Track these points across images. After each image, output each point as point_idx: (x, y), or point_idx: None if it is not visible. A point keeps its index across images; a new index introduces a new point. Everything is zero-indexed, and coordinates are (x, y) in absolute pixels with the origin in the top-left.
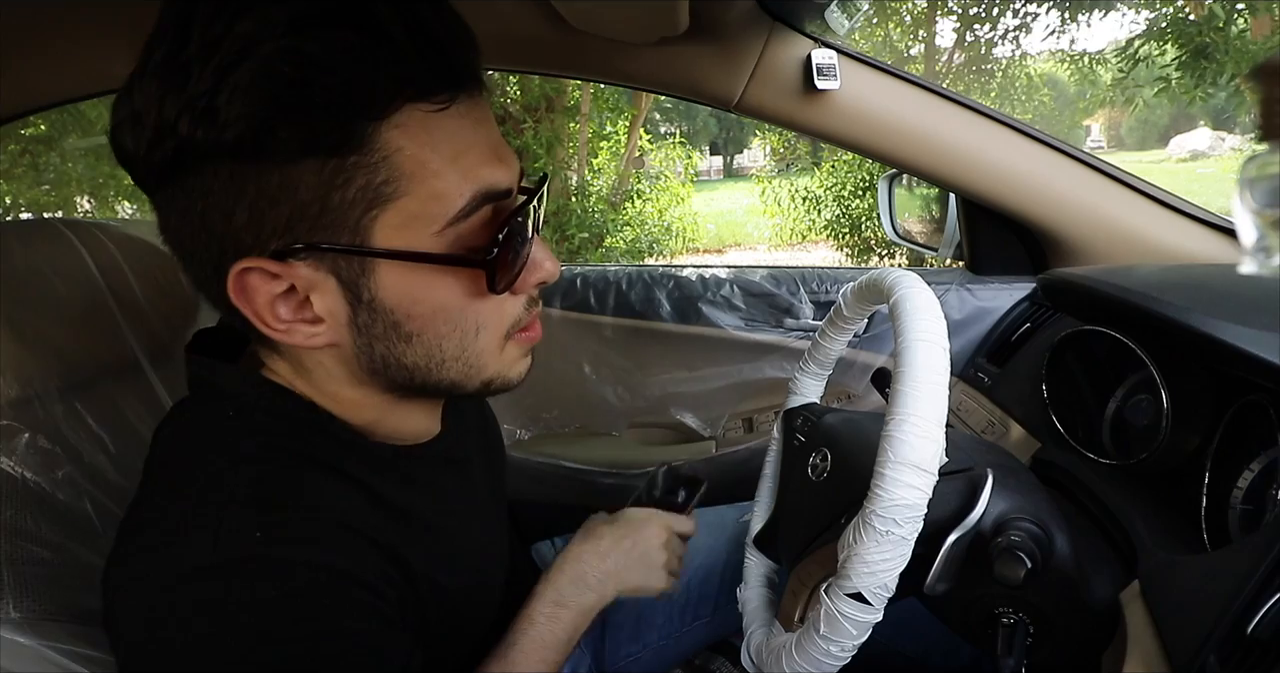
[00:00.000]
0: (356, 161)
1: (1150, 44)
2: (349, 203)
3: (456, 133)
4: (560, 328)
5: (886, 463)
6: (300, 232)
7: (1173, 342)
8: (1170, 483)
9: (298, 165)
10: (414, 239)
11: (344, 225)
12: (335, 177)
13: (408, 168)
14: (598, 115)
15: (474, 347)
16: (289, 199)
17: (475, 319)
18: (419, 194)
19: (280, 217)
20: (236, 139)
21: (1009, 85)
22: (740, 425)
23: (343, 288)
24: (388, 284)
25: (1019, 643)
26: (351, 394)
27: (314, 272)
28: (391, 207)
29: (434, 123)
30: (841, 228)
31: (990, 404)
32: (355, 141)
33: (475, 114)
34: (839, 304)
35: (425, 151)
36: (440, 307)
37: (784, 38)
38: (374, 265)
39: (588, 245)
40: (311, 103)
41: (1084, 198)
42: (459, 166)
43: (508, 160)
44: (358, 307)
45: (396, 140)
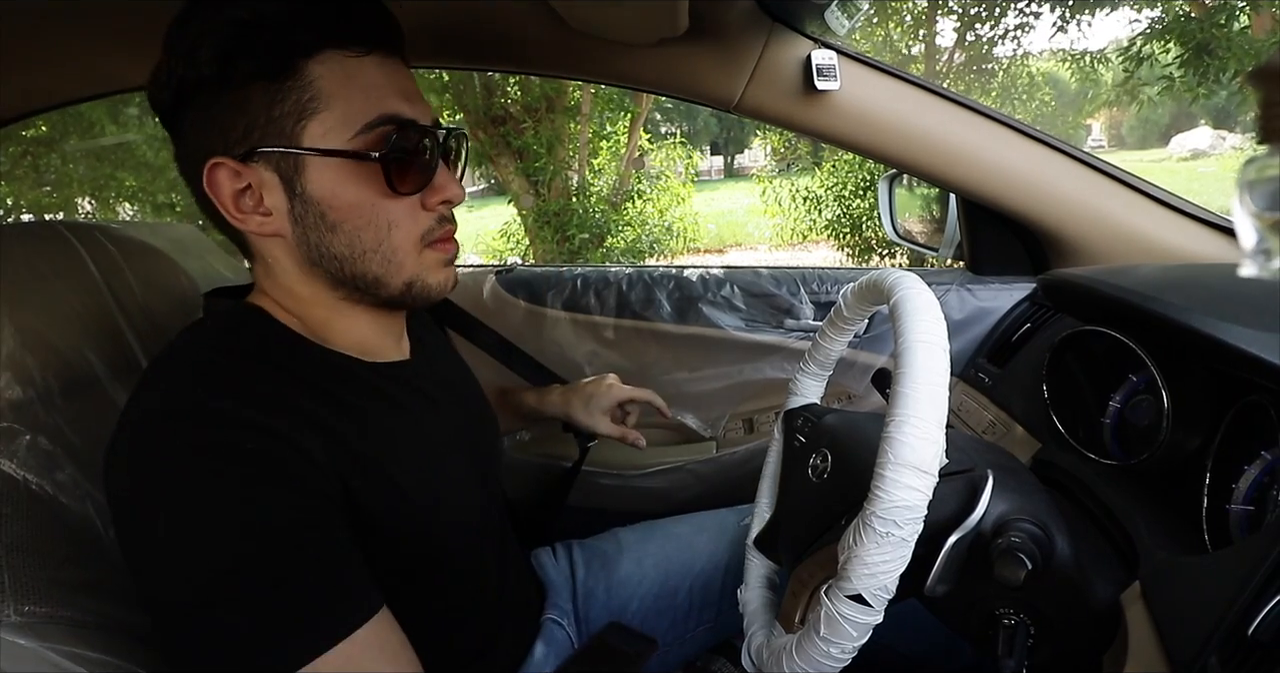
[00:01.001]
0: (290, 85)
1: (1152, 42)
2: (285, 115)
3: (370, 74)
4: (561, 328)
5: (887, 464)
6: (254, 139)
7: (1173, 342)
8: (1171, 484)
9: (250, 88)
10: (332, 143)
11: (282, 132)
12: (275, 95)
13: (328, 90)
14: (598, 115)
15: (389, 242)
16: (244, 113)
17: (386, 216)
18: (336, 110)
19: (239, 127)
20: (210, 72)
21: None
22: (741, 426)
23: (283, 184)
24: (314, 178)
25: (1020, 644)
26: (304, 289)
27: (264, 172)
28: (315, 118)
29: (351, 65)
30: (842, 228)
31: (991, 405)
32: (290, 70)
33: (389, 66)
34: (839, 305)
35: (341, 81)
36: (355, 201)
37: (784, 38)
38: (304, 163)
39: (588, 245)
40: (261, 43)
41: (1084, 198)
42: (368, 95)
43: (415, 102)
44: (294, 199)
45: (320, 71)
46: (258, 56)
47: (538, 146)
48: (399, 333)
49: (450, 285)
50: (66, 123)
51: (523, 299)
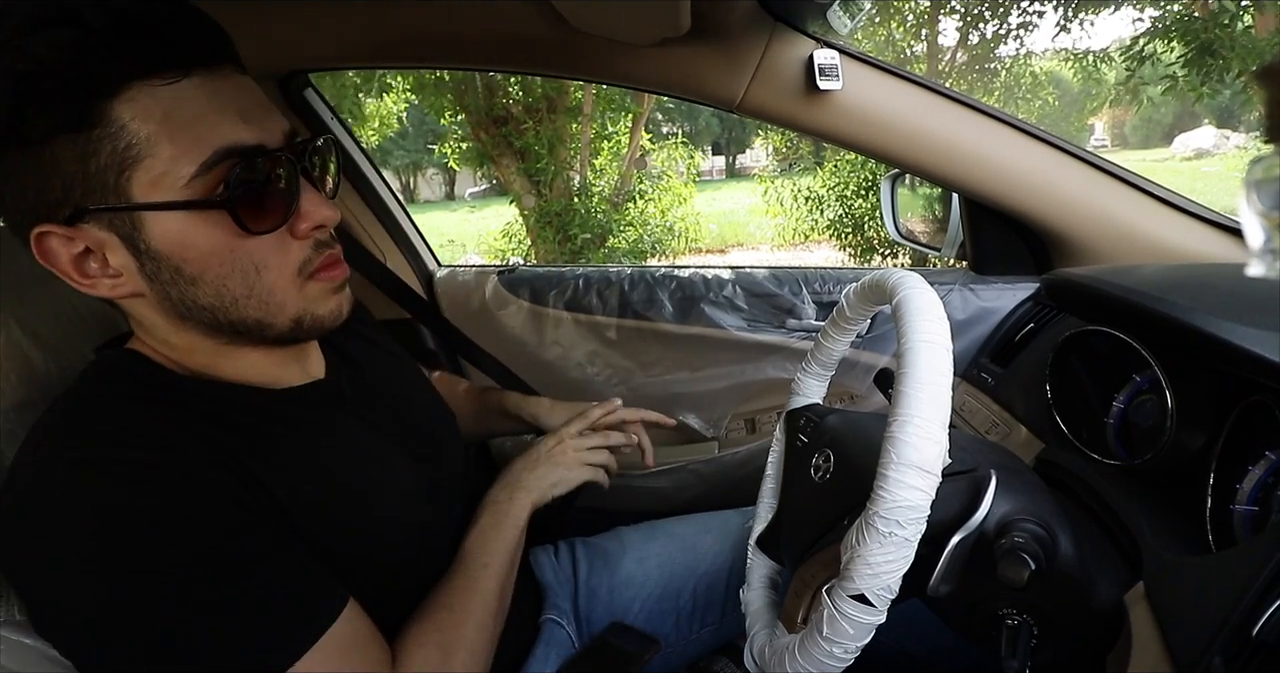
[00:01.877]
0: (100, 134)
1: (1155, 42)
2: (104, 168)
3: (191, 102)
4: (563, 328)
5: (889, 464)
6: (76, 198)
7: (1177, 342)
8: (1175, 484)
9: (55, 143)
10: (166, 192)
11: (106, 188)
12: (86, 148)
13: (145, 133)
14: (599, 116)
15: (261, 285)
16: (58, 172)
17: (249, 260)
18: (160, 154)
19: (56, 188)
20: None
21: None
22: (742, 426)
23: (124, 243)
24: (157, 234)
25: (1023, 645)
26: (179, 340)
27: (100, 232)
28: (139, 167)
29: (166, 95)
30: (844, 228)
31: (993, 405)
32: (93, 118)
33: (214, 85)
34: (841, 305)
35: (159, 119)
36: (210, 250)
37: (786, 38)
38: (140, 219)
39: (590, 246)
40: (46, 90)
41: (1088, 197)
42: (195, 130)
43: (258, 122)
44: (141, 257)
45: (129, 112)
46: (51, 107)
47: (539, 147)
48: (303, 357)
49: (345, 311)
50: None
51: (525, 299)
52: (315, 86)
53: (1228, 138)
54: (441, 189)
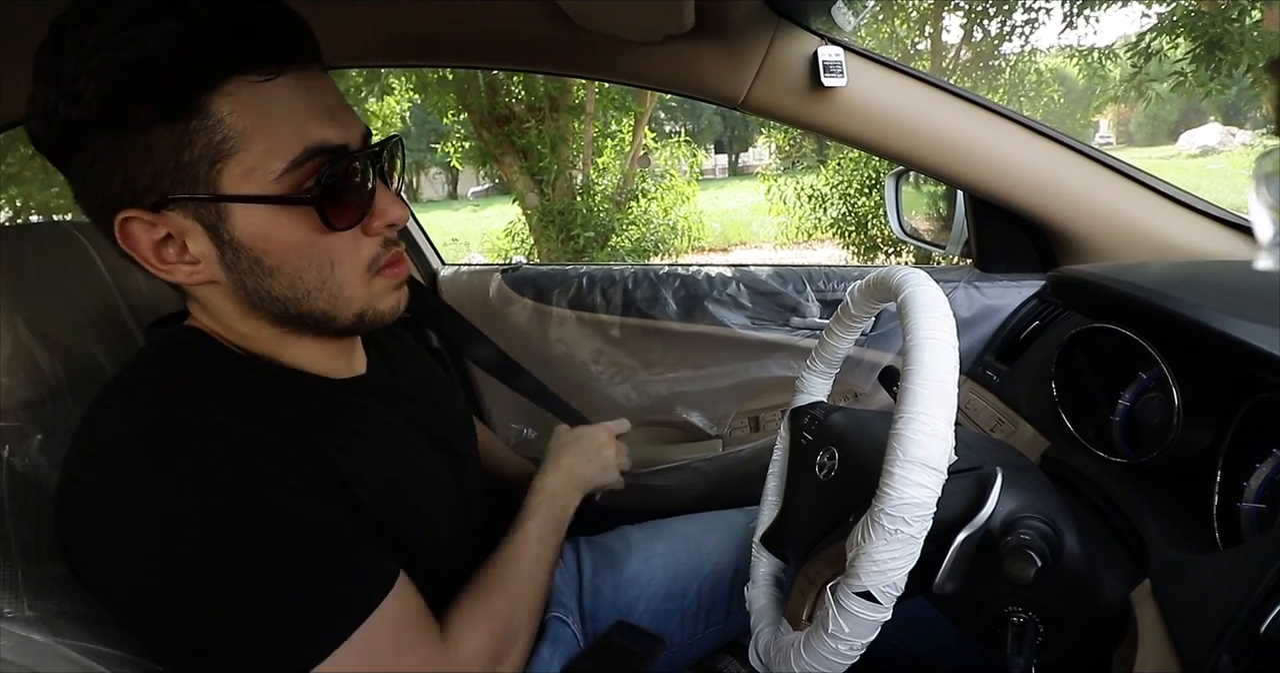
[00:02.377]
0: (197, 125)
1: (1162, 38)
2: (196, 159)
3: (285, 99)
4: (566, 327)
5: (895, 461)
6: (165, 186)
7: (1184, 339)
8: (1182, 482)
9: (151, 131)
10: (255, 186)
11: (197, 178)
12: (182, 138)
13: (240, 127)
14: (602, 114)
15: (333, 279)
16: (149, 160)
17: (327, 254)
18: (253, 149)
19: (146, 175)
20: (98, 113)
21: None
22: (746, 424)
23: (207, 232)
24: (242, 225)
25: (1028, 643)
26: (244, 328)
27: (183, 220)
28: (232, 160)
29: (262, 91)
30: (847, 226)
31: (999, 402)
32: (192, 109)
33: (306, 83)
34: (846, 302)
35: (254, 114)
36: (291, 243)
37: (790, 35)
38: (227, 210)
39: (593, 244)
40: (151, 80)
41: (1094, 194)
42: (288, 126)
43: (343, 121)
44: (223, 247)
45: (228, 106)
46: (152, 97)
47: (542, 146)
48: (351, 351)
49: (401, 307)
50: None
51: (529, 298)
52: None
53: (1234, 135)
54: (444, 188)
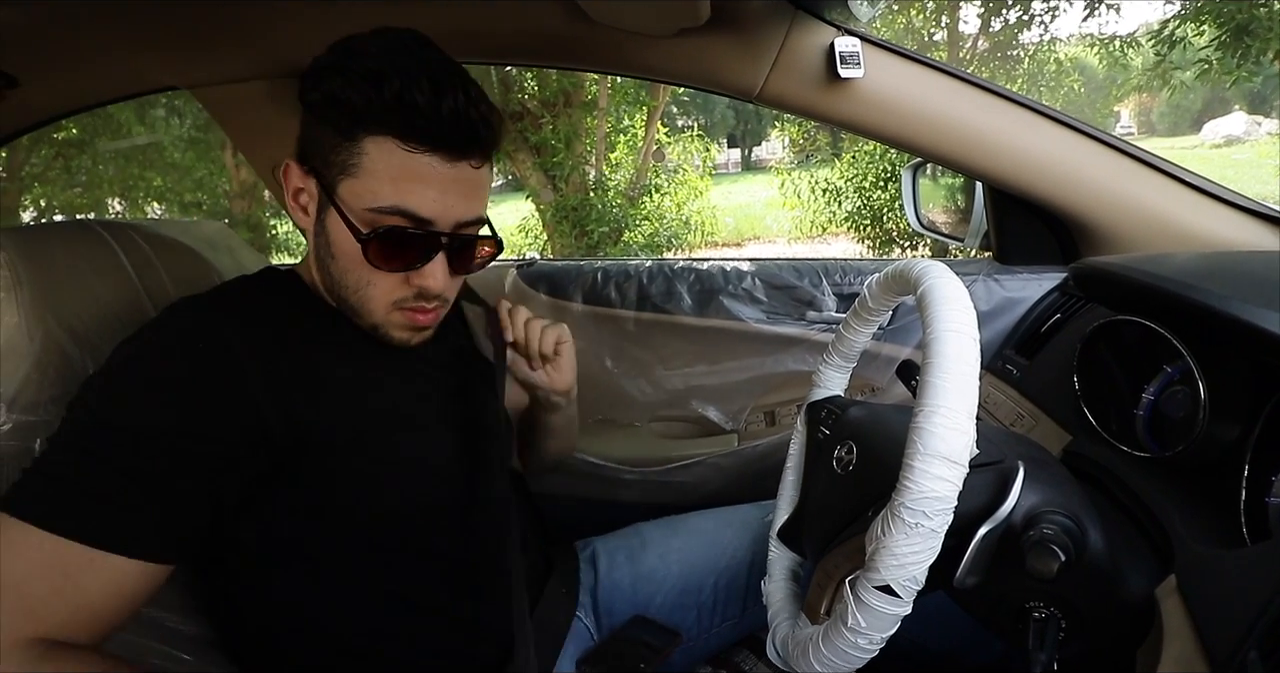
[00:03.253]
0: (348, 145)
1: (1186, 25)
2: (335, 163)
3: (413, 169)
4: (582, 321)
5: (916, 455)
6: (317, 163)
7: (1211, 331)
8: (1207, 476)
9: (327, 130)
10: (352, 205)
11: (328, 173)
12: (336, 146)
13: (368, 166)
14: (615, 109)
15: (365, 292)
16: (319, 141)
17: (366, 275)
18: (367, 182)
19: (312, 145)
20: (315, 100)
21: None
22: (762, 419)
23: (318, 205)
24: (331, 219)
25: (1050, 638)
26: (320, 276)
27: (314, 187)
28: (350, 178)
29: (402, 154)
30: (863, 219)
31: (1019, 396)
32: (352, 136)
33: (440, 168)
34: (864, 295)
35: (384, 164)
36: (349, 252)
37: (806, 26)
38: (329, 205)
39: (606, 240)
40: (341, 105)
41: (1116, 184)
42: (398, 185)
43: (444, 205)
44: (318, 220)
45: (373, 149)
46: (336, 115)
47: (556, 141)
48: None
49: (412, 344)
50: (96, 125)
51: (543, 293)
52: None
53: (1259, 124)
54: None
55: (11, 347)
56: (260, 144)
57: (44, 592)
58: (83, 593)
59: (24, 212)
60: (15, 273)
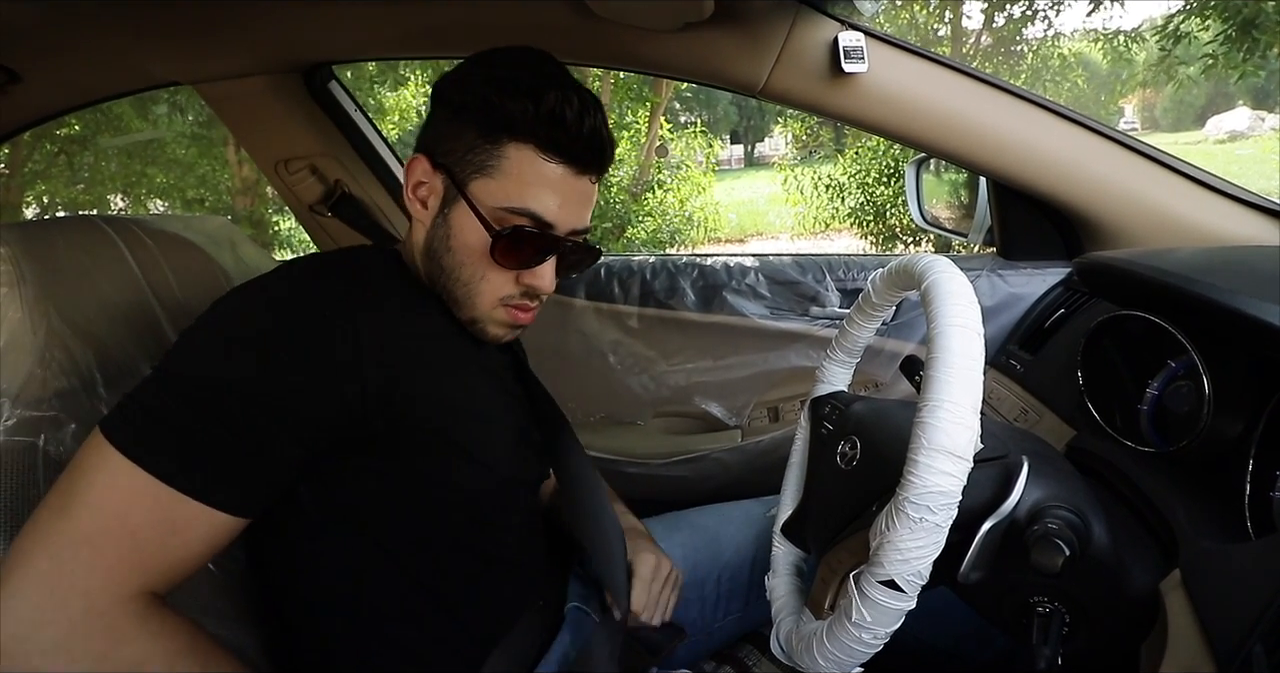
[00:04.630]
0: (489, 147)
1: (1192, 19)
2: (471, 162)
3: (546, 176)
4: (585, 317)
5: (920, 449)
6: (450, 160)
7: (1215, 326)
8: (1212, 471)
9: (469, 131)
10: (484, 202)
11: (463, 171)
12: (476, 146)
13: (504, 168)
14: (617, 105)
15: (476, 286)
16: (455, 139)
17: (482, 270)
18: (499, 182)
19: (446, 142)
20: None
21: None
22: (766, 415)
23: (443, 201)
24: (457, 214)
25: (1054, 633)
26: (426, 265)
27: (439, 183)
28: (482, 178)
29: (538, 162)
30: (866, 215)
31: (1023, 392)
32: (491, 138)
33: (567, 180)
34: (867, 290)
35: (520, 169)
36: (470, 246)
37: (810, 20)
38: (458, 200)
39: (609, 236)
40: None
41: (1120, 179)
42: (531, 189)
43: (568, 212)
44: (439, 215)
45: (512, 153)
46: (485, 119)
47: None
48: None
49: (502, 340)
50: (98, 121)
51: None
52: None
53: (1263, 119)
54: None
55: (15, 342)
56: (262, 140)
57: (154, 544)
58: (186, 547)
59: (26, 208)
60: (18, 268)
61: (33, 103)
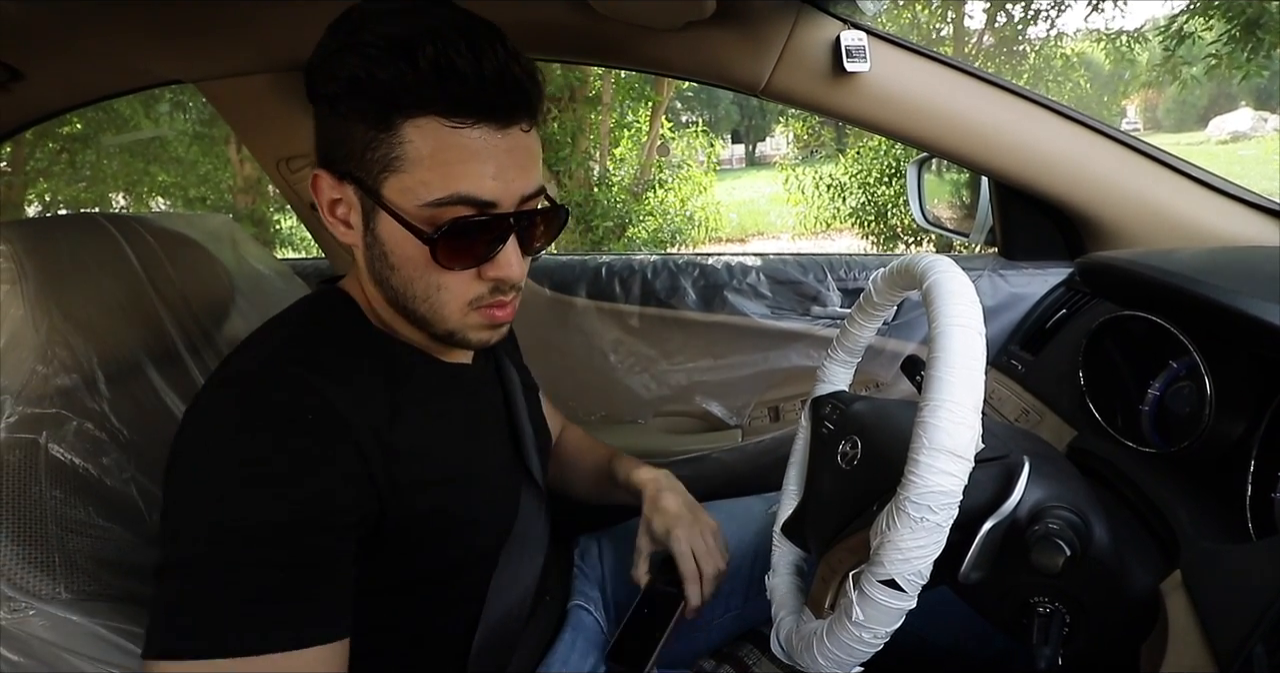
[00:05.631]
0: (384, 138)
1: (1195, 19)
2: (373, 162)
3: (462, 147)
4: (585, 316)
5: (921, 449)
6: (350, 166)
7: (1217, 326)
8: (1213, 472)
9: (355, 125)
10: (405, 204)
11: (369, 174)
12: (372, 141)
13: (413, 154)
14: (619, 105)
15: (436, 299)
16: (347, 143)
17: (436, 280)
18: (415, 175)
19: (341, 152)
20: (332, 92)
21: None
22: (766, 414)
23: (362, 213)
24: (383, 224)
25: (1055, 633)
26: (373, 291)
27: (353, 195)
28: (395, 176)
29: (448, 133)
30: (867, 215)
31: (1024, 392)
32: (386, 124)
33: (491, 139)
34: (869, 290)
35: (431, 149)
36: (412, 257)
37: (812, 19)
38: (377, 210)
39: (610, 235)
40: (368, 91)
41: (1122, 179)
42: (451, 170)
43: (506, 181)
44: (366, 230)
45: (414, 134)
46: (364, 104)
47: (562, 136)
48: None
49: (490, 342)
50: (100, 119)
51: (547, 287)
52: None
53: (1265, 120)
54: None
55: (17, 339)
56: (264, 138)
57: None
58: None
59: (28, 206)
60: (20, 266)
61: (35, 101)
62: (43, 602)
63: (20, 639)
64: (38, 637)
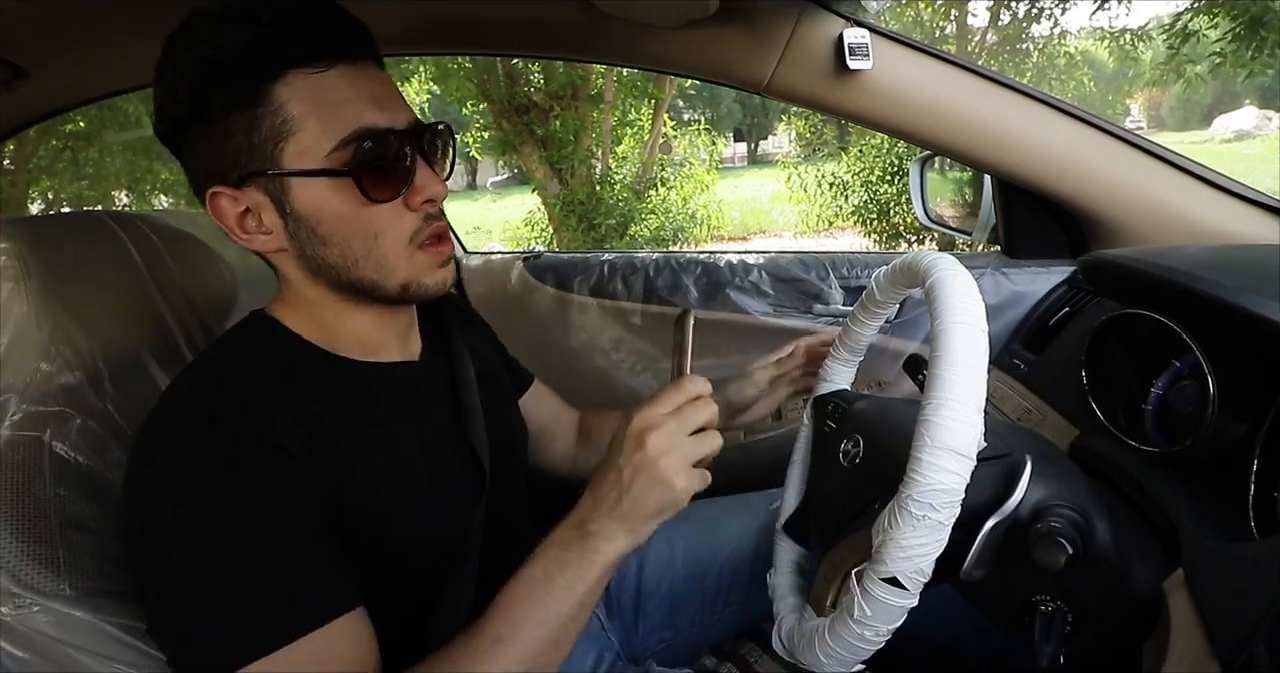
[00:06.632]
0: (263, 111)
1: (1200, 18)
2: (264, 140)
3: (335, 89)
4: (588, 314)
5: (924, 447)
6: (242, 165)
7: (1220, 325)
8: (1216, 471)
9: (229, 118)
10: (309, 163)
11: (265, 157)
12: (252, 122)
13: (297, 112)
14: (621, 103)
15: (378, 250)
16: (230, 142)
17: (370, 225)
18: (309, 130)
19: (228, 156)
20: (189, 107)
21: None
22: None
23: (274, 205)
24: (299, 197)
25: (1057, 631)
26: (311, 295)
27: (258, 195)
28: (291, 140)
29: (315, 81)
30: (869, 214)
31: (1026, 391)
32: (259, 97)
33: (354, 75)
34: (871, 288)
35: (309, 101)
36: (338, 213)
37: (815, 17)
38: (288, 184)
39: (613, 233)
40: (228, 74)
41: (1125, 177)
42: (338, 112)
43: (389, 108)
44: (286, 218)
45: (288, 94)
46: (228, 89)
47: (564, 134)
48: (405, 330)
49: (447, 283)
50: (104, 117)
51: (550, 286)
52: None
53: (1270, 119)
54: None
55: (21, 337)
56: None
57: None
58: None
59: (31, 205)
60: (24, 264)
61: (38, 99)
62: (47, 598)
63: (24, 635)
64: (42, 633)
